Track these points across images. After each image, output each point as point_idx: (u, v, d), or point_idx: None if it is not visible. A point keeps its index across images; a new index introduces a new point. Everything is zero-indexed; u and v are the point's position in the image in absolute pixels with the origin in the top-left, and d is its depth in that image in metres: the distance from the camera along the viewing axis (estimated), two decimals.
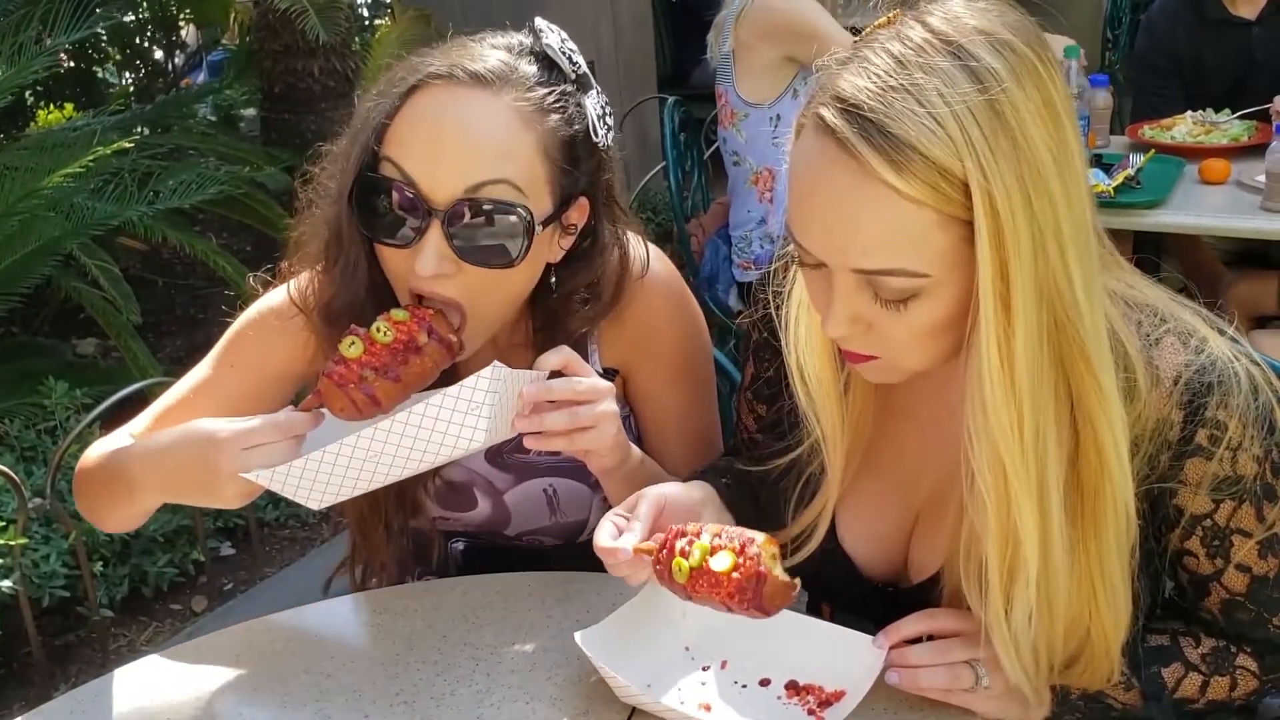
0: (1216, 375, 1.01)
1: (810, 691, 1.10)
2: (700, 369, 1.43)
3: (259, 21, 4.39)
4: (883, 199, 0.91)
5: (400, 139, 1.16)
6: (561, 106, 1.19)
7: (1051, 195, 0.91)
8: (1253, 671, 1.12)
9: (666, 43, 6.13)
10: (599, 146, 1.24)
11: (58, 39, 3.47)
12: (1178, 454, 1.03)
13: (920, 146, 0.89)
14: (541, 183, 1.18)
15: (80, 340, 3.96)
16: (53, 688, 2.48)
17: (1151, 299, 1.06)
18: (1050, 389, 0.96)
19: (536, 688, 1.15)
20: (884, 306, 0.96)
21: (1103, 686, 1.08)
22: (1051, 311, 0.94)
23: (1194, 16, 3.09)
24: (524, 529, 1.44)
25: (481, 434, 1.10)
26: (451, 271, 1.16)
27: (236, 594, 2.92)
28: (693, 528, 1.07)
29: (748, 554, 1.02)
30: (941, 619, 1.07)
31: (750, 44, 2.84)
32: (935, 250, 0.93)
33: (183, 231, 3.52)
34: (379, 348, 1.12)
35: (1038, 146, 0.91)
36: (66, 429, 2.72)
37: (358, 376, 1.11)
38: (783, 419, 1.21)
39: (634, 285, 1.34)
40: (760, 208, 2.98)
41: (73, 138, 3.42)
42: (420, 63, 1.19)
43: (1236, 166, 2.70)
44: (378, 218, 1.18)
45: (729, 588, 1.02)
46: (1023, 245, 0.90)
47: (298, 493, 1.13)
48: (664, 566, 1.06)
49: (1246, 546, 1.05)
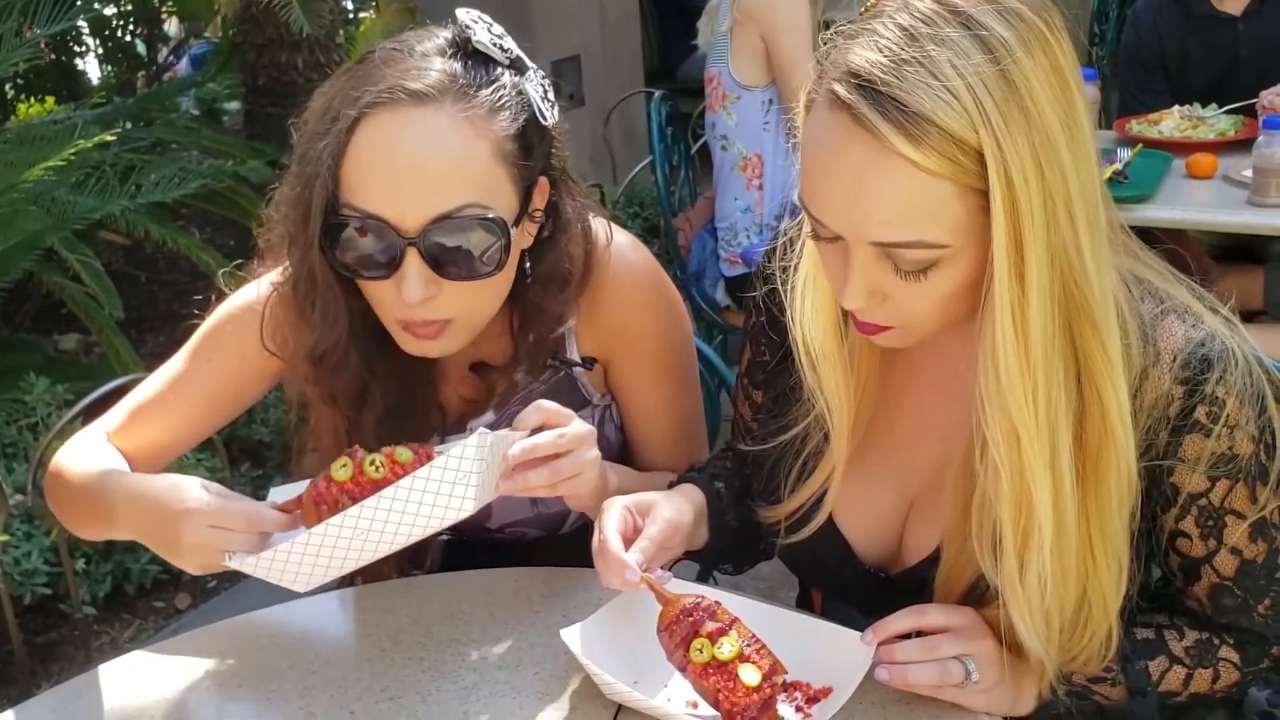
0: (1215, 352, 1.02)
1: (798, 688, 1.09)
2: (680, 356, 1.42)
3: (242, 14, 4.36)
4: (899, 172, 0.91)
5: (356, 180, 1.13)
6: (505, 102, 1.17)
7: (1061, 162, 0.92)
8: (1235, 664, 1.12)
9: (653, 37, 6.12)
10: (548, 127, 1.22)
11: (38, 31, 3.43)
12: (1176, 429, 1.03)
13: (935, 119, 0.89)
14: (504, 184, 1.17)
15: (62, 336, 3.92)
16: (35, 686, 2.46)
17: (1151, 276, 1.08)
18: (1060, 355, 0.97)
19: (523, 684, 1.14)
20: (903, 278, 0.97)
21: (1097, 670, 1.08)
22: (1062, 278, 0.94)
23: (1180, 12, 3.10)
24: (505, 520, 1.43)
25: (470, 503, 1.10)
26: (436, 293, 1.16)
27: (220, 591, 2.90)
28: (724, 614, 1.05)
29: (772, 681, 1.02)
30: (930, 615, 1.07)
31: (743, 22, 2.86)
32: (953, 220, 0.93)
33: (165, 226, 3.48)
34: (365, 480, 1.09)
35: (1048, 114, 0.91)
36: (48, 425, 2.70)
37: (334, 500, 1.09)
38: (782, 396, 1.21)
39: (608, 268, 1.33)
40: (748, 195, 2.97)
41: (53, 131, 3.38)
42: (356, 92, 1.14)
43: (1224, 161, 2.70)
44: (352, 257, 1.16)
45: (739, 699, 1.01)
46: (1035, 213, 0.91)
47: (283, 577, 1.10)
48: (679, 633, 1.04)
49: (1240, 529, 1.06)
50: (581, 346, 1.37)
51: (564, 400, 1.37)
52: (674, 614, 1.05)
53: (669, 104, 3.27)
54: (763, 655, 1.03)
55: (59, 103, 4.72)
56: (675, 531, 1.15)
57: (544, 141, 1.22)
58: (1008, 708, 1.08)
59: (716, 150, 3.04)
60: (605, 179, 4.28)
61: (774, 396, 1.25)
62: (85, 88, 4.96)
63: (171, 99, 4.77)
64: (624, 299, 1.35)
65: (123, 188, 3.31)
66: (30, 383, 2.85)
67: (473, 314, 1.21)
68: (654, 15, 6.12)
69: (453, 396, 1.39)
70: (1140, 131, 2.94)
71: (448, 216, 1.13)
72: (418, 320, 1.18)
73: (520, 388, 1.37)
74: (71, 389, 2.85)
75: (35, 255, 3.12)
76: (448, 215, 1.13)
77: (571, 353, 1.36)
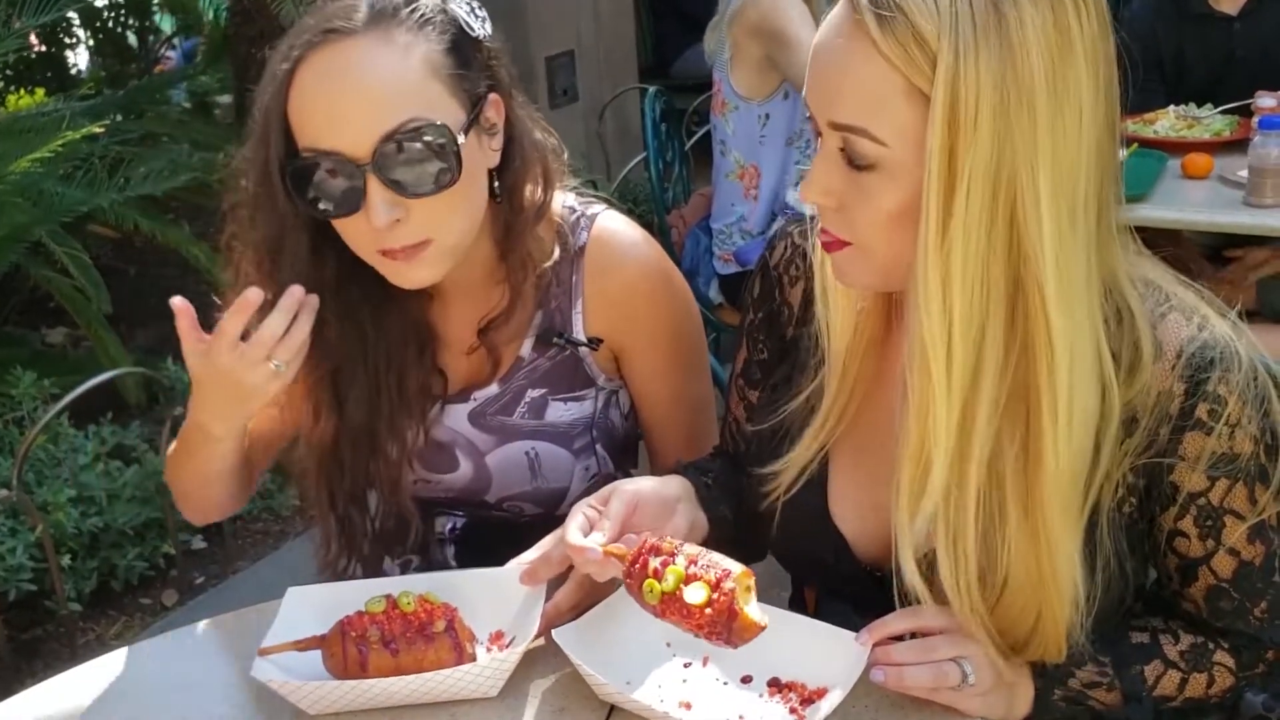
0: (1219, 351, 1.02)
1: (793, 689, 1.08)
2: (691, 340, 1.44)
3: (233, 6, 4.34)
4: (865, 53, 0.95)
5: (301, 123, 1.19)
6: (428, 19, 1.22)
7: (1035, 111, 0.92)
8: (1229, 668, 1.12)
9: (647, 32, 6.10)
10: (481, 40, 1.26)
11: (27, 21, 3.41)
12: (1177, 427, 1.03)
13: (906, 9, 0.93)
14: (444, 97, 1.21)
15: (49, 329, 3.90)
16: (19, 683, 2.44)
17: (1156, 277, 1.08)
18: (1000, 300, 0.96)
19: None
20: (855, 173, 0.99)
21: (1061, 659, 1.07)
22: (1007, 224, 0.94)
23: (1175, 11, 3.09)
24: (504, 494, 1.44)
25: (496, 690, 1.12)
26: (403, 215, 1.19)
27: (208, 588, 2.88)
28: (668, 544, 1.05)
29: (723, 589, 1.00)
30: (926, 616, 1.06)
31: (740, 41, 2.84)
32: (898, 120, 0.95)
33: (155, 219, 3.46)
34: (396, 614, 1.13)
35: (1034, 61, 0.92)
36: (34, 419, 2.68)
37: (362, 631, 1.12)
38: (783, 382, 1.22)
39: (616, 253, 1.37)
40: (743, 204, 2.97)
41: (42, 123, 3.36)
42: (289, 43, 1.21)
43: (1219, 161, 2.70)
44: (317, 197, 1.20)
45: (699, 619, 1.01)
46: (981, 138, 0.92)
47: (302, 701, 1.11)
48: (635, 581, 1.04)
49: (1238, 530, 1.06)
50: (589, 327, 1.38)
51: (569, 379, 1.39)
52: (626, 566, 1.05)
53: (663, 100, 3.26)
54: (709, 568, 1.02)
55: (49, 95, 4.70)
56: (639, 502, 1.13)
57: (479, 54, 1.26)
58: (1003, 711, 1.07)
59: (717, 153, 3.04)
60: (599, 175, 4.27)
61: (773, 385, 1.25)
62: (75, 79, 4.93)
63: (162, 91, 4.75)
64: (634, 289, 1.37)
65: (111, 180, 3.30)
66: (17, 376, 2.83)
67: (448, 233, 1.24)
68: (648, 11, 6.12)
69: (458, 366, 1.41)
70: (1136, 131, 2.94)
71: (394, 134, 1.17)
72: (396, 246, 1.21)
73: (525, 363, 1.39)
74: (58, 383, 2.83)
75: (23, 248, 3.11)
76: (393, 133, 1.17)
77: (578, 333, 1.37)
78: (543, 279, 1.36)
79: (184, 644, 1.25)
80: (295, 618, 1.18)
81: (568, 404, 1.40)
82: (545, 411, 1.40)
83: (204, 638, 1.26)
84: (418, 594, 1.15)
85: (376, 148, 1.17)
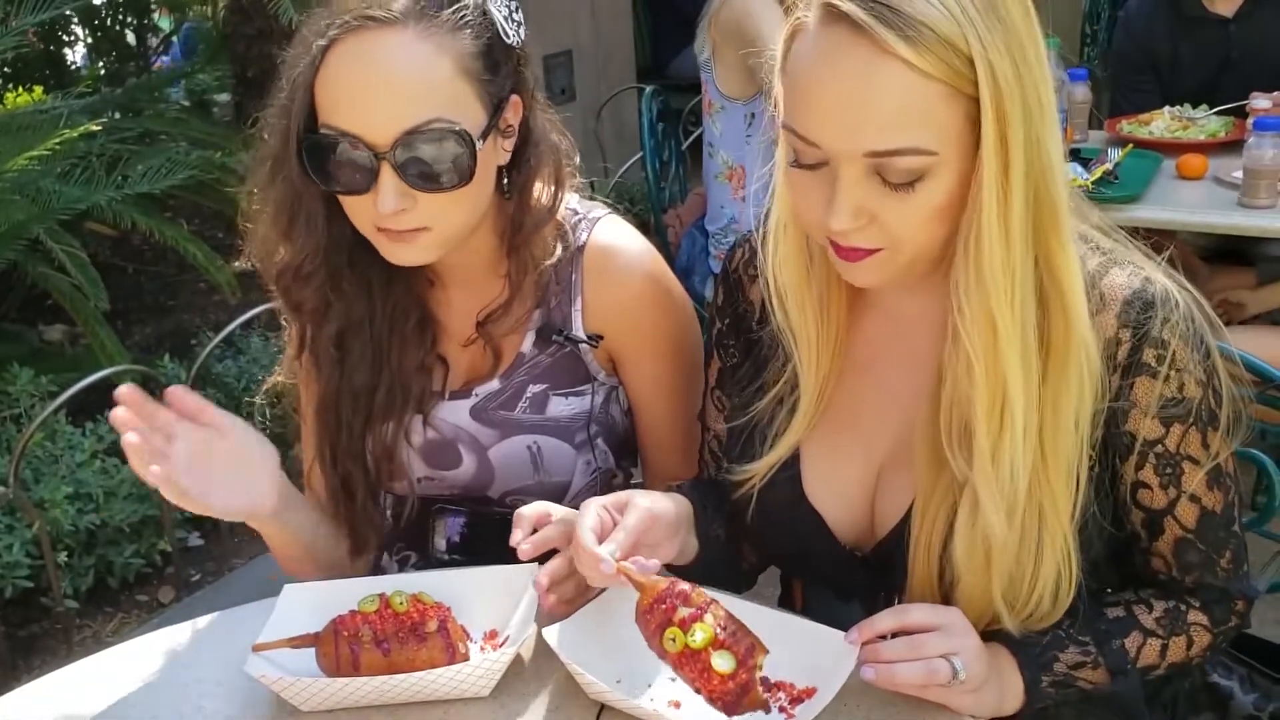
0: (1158, 295, 1.07)
1: (782, 688, 1.08)
2: (690, 352, 1.45)
3: (232, 4, 4.34)
4: (897, 74, 0.96)
5: (329, 102, 1.22)
6: (468, 20, 1.23)
7: (1030, 64, 0.98)
8: (1205, 625, 1.16)
9: (645, 33, 6.10)
10: (514, 46, 1.28)
11: (25, 19, 3.40)
12: (1125, 371, 1.07)
13: (929, 22, 0.95)
14: (470, 99, 1.23)
15: (47, 327, 3.90)
16: (15, 679, 2.44)
17: (1094, 233, 1.13)
18: (1032, 255, 1.02)
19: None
20: (892, 190, 1.00)
21: (1050, 624, 1.10)
22: (1035, 179, 1.00)
23: (1172, 13, 3.10)
24: (508, 489, 1.44)
25: (488, 690, 1.13)
26: (410, 205, 1.22)
27: (204, 585, 2.88)
28: (698, 596, 1.05)
29: (747, 665, 1.01)
30: (915, 614, 1.06)
31: (718, 43, 2.84)
32: (942, 125, 0.97)
33: (153, 217, 3.46)
34: (389, 614, 1.14)
35: (1016, 18, 0.98)
36: (31, 416, 2.68)
37: (354, 630, 1.12)
38: (751, 375, 1.23)
39: (615, 257, 1.38)
40: (733, 205, 2.97)
41: (40, 120, 3.35)
42: (326, 22, 1.22)
43: (1214, 162, 2.71)
44: (330, 170, 1.22)
45: (715, 686, 1.01)
46: (1016, 114, 0.97)
47: (295, 697, 1.12)
48: (655, 621, 1.04)
49: (1197, 476, 1.10)
50: (588, 325, 1.39)
51: (569, 374, 1.40)
52: (649, 601, 1.05)
53: (660, 100, 3.26)
54: (739, 638, 1.02)
55: (46, 92, 4.69)
56: (654, 521, 1.14)
57: (510, 60, 1.28)
58: (993, 707, 1.08)
59: (706, 155, 3.04)
60: (596, 174, 4.27)
61: (740, 391, 1.26)
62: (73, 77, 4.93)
63: (161, 89, 4.74)
64: (635, 297, 1.39)
65: (110, 178, 3.29)
66: (14, 374, 2.83)
67: (447, 224, 1.26)
68: (646, 11, 6.11)
69: (458, 357, 1.42)
70: (1131, 132, 2.94)
71: (416, 130, 1.19)
72: (395, 228, 1.24)
73: (526, 359, 1.40)
74: (56, 380, 2.83)
75: (20, 245, 3.10)
76: (416, 129, 1.19)
77: (577, 329, 1.39)
78: (542, 276, 1.38)
79: (180, 641, 1.26)
80: (291, 614, 1.19)
81: (568, 399, 1.41)
82: (546, 406, 1.41)
83: (200, 634, 1.27)
84: (411, 594, 1.16)
85: (397, 140, 1.19)
